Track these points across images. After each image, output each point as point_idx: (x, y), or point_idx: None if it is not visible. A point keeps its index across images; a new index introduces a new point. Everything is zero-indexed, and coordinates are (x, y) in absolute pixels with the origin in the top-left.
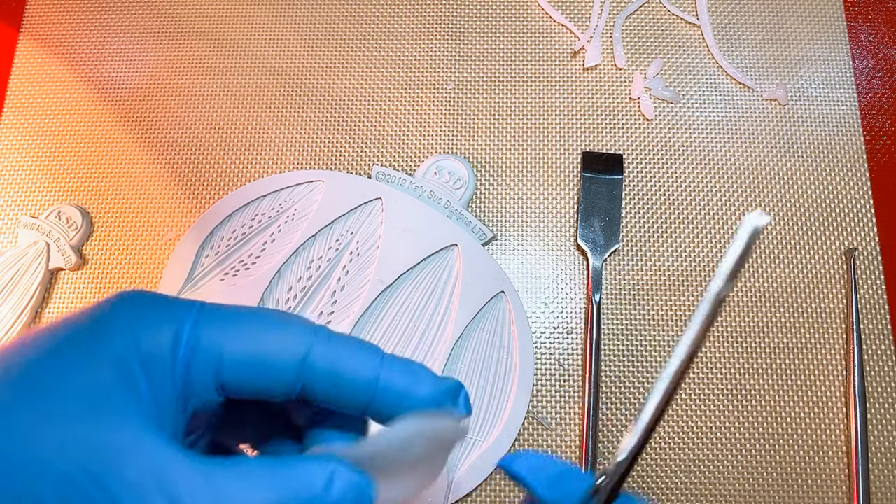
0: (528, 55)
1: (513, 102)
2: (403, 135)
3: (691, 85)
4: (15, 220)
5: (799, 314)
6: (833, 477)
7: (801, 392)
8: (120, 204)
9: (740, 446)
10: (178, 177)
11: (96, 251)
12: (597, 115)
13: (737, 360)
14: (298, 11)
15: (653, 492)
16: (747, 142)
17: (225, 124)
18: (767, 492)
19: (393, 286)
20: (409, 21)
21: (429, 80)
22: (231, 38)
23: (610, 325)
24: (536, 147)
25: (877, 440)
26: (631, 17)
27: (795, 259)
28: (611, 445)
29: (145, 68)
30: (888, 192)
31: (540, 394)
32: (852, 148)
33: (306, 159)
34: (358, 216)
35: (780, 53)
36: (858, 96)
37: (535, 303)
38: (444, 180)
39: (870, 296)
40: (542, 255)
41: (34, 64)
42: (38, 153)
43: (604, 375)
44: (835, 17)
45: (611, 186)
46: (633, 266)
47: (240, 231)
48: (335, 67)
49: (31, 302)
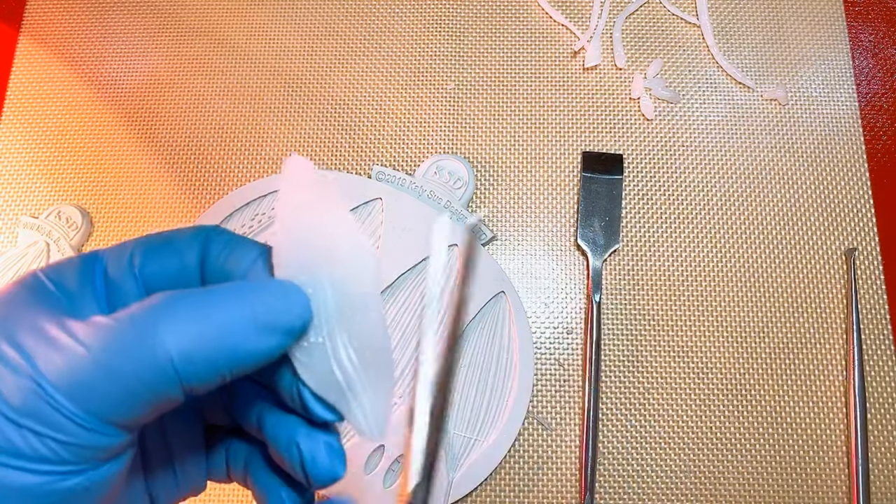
0: (528, 55)
1: (513, 102)
2: (403, 135)
3: (691, 85)
4: (15, 220)
5: (799, 314)
6: (833, 477)
7: (801, 392)
8: (120, 204)
9: (740, 446)
10: (178, 177)
11: None
12: (597, 115)
13: (737, 360)
14: (298, 11)
15: (653, 492)
16: (747, 142)
17: (225, 124)
18: (767, 492)
19: (393, 286)
20: (409, 21)
21: (429, 80)
22: (231, 38)
23: (610, 325)
24: (536, 147)
25: (877, 440)
26: (631, 17)
27: (795, 259)
28: (611, 446)
29: (145, 68)
30: (888, 192)
31: (540, 394)
32: (852, 148)
33: (306, 159)
34: (358, 216)
35: (780, 53)
36: (858, 96)
37: (535, 303)
38: (444, 180)
39: (870, 296)
40: (542, 255)
41: (34, 64)
42: (37, 153)
43: (604, 375)
44: (835, 17)
45: (611, 186)
46: (633, 266)
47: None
48: (335, 67)
49: None
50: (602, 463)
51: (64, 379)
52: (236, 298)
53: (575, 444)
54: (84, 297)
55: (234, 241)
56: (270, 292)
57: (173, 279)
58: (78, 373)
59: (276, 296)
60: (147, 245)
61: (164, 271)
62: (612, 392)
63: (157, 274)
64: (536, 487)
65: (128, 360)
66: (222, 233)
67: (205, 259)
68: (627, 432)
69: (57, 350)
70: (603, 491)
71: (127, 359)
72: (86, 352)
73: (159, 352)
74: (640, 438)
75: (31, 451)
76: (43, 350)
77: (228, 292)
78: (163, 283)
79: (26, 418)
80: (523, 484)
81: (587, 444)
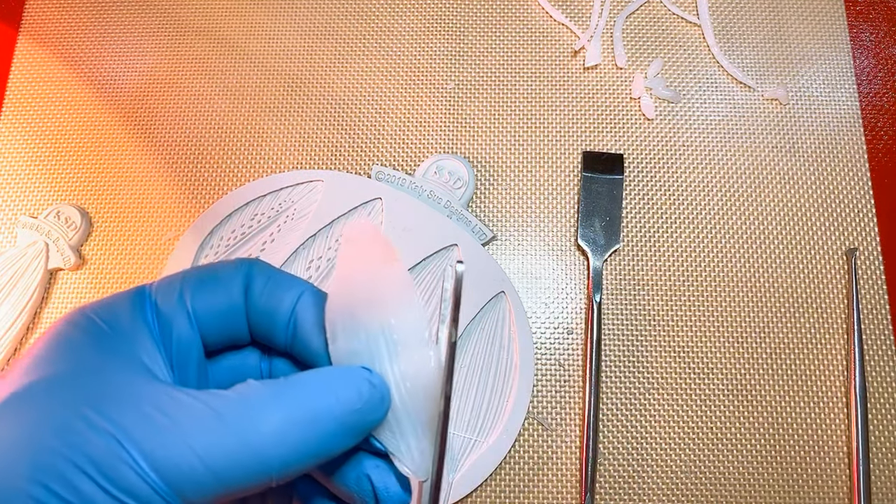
0: (528, 55)
1: (513, 102)
2: (403, 135)
3: (692, 85)
4: (14, 220)
5: (799, 314)
6: (834, 477)
7: (802, 392)
8: (119, 204)
9: (740, 446)
10: (177, 177)
11: (95, 251)
12: (597, 115)
13: (737, 360)
14: (298, 11)
15: (653, 492)
16: (747, 142)
17: (225, 124)
18: (767, 492)
19: None
20: (409, 21)
21: (429, 80)
22: (231, 38)
23: (610, 325)
24: (536, 147)
25: (878, 440)
26: (631, 16)
27: (795, 259)
28: (611, 446)
29: (145, 68)
30: (889, 192)
31: (540, 394)
32: (853, 148)
33: (306, 159)
34: (358, 216)
35: (781, 53)
36: (859, 96)
37: (535, 303)
38: (444, 180)
39: (870, 296)
40: (542, 255)
41: (34, 64)
42: (37, 153)
43: (604, 375)
44: (836, 17)
45: (611, 186)
46: (634, 266)
47: (239, 231)
48: (335, 67)
49: (30, 302)
50: (602, 463)
51: (160, 461)
52: (330, 405)
53: (575, 444)
54: (140, 337)
55: (276, 277)
56: (363, 402)
57: (222, 313)
58: (176, 459)
59: (368, 406)
60: (195, 280)
61: (212, 306)
62: (612, 392)
63: (207, 308)
64: (536, 487)
65: (232, 466)
66: (264, 268)
67: (248, 294)
68: (627, 432)
69: (156, 432)
70: (603, 491)
71: (231, 465)
72: (189, 449)
73: (263, 459)
74: (640, 438)
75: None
76: (141, 429)
77: (323, 399)
78: (212, 318)
79: (123, 494)
80: (523, 484)
81: (587, 444)
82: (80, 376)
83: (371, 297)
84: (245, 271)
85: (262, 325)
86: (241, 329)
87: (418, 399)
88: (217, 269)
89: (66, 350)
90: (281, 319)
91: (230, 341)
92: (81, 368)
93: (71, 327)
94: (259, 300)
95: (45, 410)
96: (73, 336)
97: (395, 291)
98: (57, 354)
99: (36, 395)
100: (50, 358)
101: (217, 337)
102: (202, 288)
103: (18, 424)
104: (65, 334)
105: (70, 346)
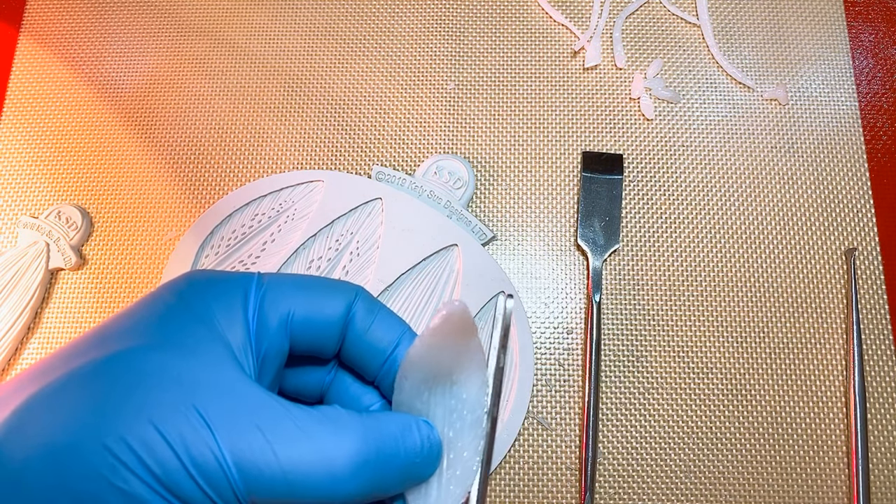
0: (528, 55)
1: (513, 102)
2: (403, 135)
3: (691, 85)
4: (15, 220)
5: (799, 314)
6: (833, 477)
7: (801, 392)
8: (120, 204)
9: (740, 446)
10: (178, 177)
11: (96, 251)
12: (597, 115)
13: (737, 360)
14: (298, 11)
15: (653, 492)
16: (747, 142)
17: (225, 124)
18: (767, 492)
19: (393, 286)
20: (409, 21)
21: (429, 80)
22: (231, 38)
23: (610, 325)
24: (536, 147)
25: (877, 440)
26: (631, 16)
27: (795, 259)
28: (611, 446)
29: (145, 68)
30: (888, 192)
31: (540, 394)
32: (852, 148)
33: (306, 159)
34: (358, 216)
35: (781, 53)
36: (859, 96)
37: (535, 303)
38: (444, 180)
39: (870, 296)
40: (542, 255)
41: (34, 64)
42: (37, 153)
43: (604, 375)
44: (835, 17)
45: (611, 186)
46: (633, 266)
47: (240, 231)
48: (335, 67)
49: (31, 302)
50: (602, 463)
51: (244, 460)
52: (397, 451)
53: (575, 445)
54: (237, 330)
55: (381, 311)
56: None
57: (319, 331)
58: (259, 461)
59: (426, 461)
60: (304, 292)
61: (312, 322)
62: (612, 392)
63: (306, 319)
64: (536, 487)
65: (307, 482)
66: (367, 298)
67: (351, 322)
68: (627, 432)
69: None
70: (603, 491)
71: (307, 481)
72: (274, 456)
73: (335, 484)
74: (640, 438)
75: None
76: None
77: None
78: (307, 331)
79: (200, 475)
80: (523, 484)
81: (587, 444)
82: (177, 354)
83: (450, 366)
84: (352, 297)
85: (358, 355)
86: (328, 349)
87: (463, 457)
88: (326, 288)
89: (167, 321)
90: (379, 356)
91: (311, 354)
92: (180, 346)
93: (177, 299)
94: (362, 332)
95: (138, 378)
96: (175, 308)
97: (468, 368)
98: (159, 324)
99: (133, 359)
100: (151, 326)
101: (302, 347)
102: (309, 303)
103: (114, 383)
104: (169, 304)
105: (171, 318)
